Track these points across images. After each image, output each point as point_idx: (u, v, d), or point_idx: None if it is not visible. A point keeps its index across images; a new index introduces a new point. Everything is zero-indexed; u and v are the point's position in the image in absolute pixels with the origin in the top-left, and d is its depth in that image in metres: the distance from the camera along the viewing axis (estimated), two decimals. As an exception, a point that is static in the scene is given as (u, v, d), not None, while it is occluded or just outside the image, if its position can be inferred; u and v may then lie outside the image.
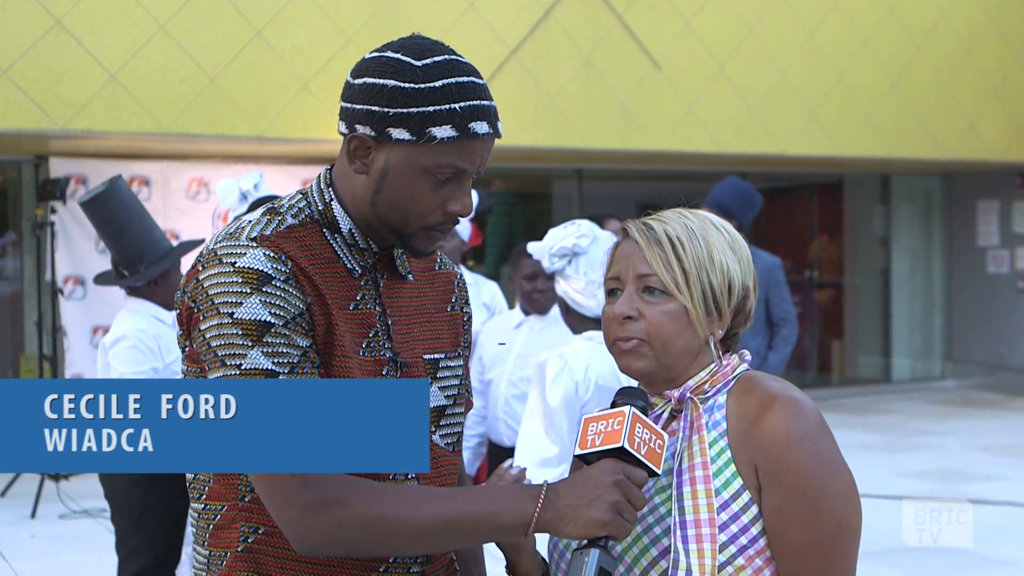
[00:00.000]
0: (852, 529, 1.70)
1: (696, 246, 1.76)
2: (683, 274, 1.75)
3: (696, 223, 1.79)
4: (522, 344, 4.69)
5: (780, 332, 5.88)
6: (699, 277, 1.75)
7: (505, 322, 4.91)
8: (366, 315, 1.77)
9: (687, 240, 1.76)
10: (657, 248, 1.76)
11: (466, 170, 1.72)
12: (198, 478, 1.78)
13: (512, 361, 4.68)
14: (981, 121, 11.61)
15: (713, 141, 10.19)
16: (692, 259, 1.75)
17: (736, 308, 1.82)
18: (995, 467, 8.88)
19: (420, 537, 1.63)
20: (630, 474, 1.62)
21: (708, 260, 1.76)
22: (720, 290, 1.77)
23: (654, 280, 1.75)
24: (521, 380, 4.58)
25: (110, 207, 4.25)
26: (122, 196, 4.27)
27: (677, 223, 1.79)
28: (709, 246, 1.77)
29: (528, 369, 4.52)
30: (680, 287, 1.75)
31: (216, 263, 1.68)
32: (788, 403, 1.70)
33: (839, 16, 10.76)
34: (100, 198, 4.26)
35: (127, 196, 4.30)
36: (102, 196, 4.26)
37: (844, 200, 13.98)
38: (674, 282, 1.75)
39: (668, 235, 1.77)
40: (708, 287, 1.76)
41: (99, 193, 4.28)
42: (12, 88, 7.59)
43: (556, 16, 9.37)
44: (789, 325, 5.89)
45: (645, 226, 1.79)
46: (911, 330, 13.94)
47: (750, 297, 1.83)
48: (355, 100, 1.72)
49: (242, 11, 8.22)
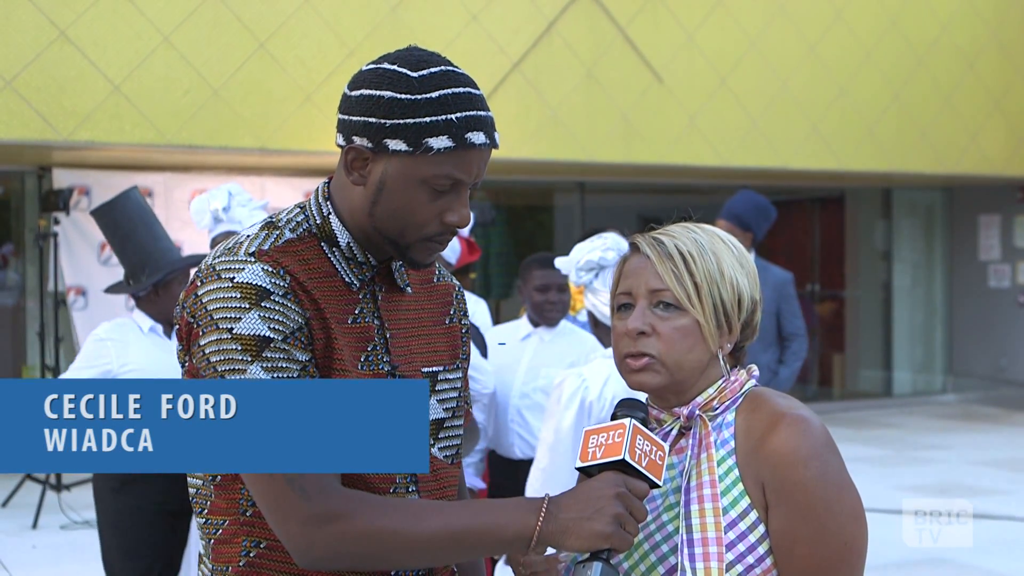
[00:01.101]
0: (858, 549, 1.70)
1: (707, 261, 1.77)
2: (695, 288, 1.75)
3: (705, 238, 1.80)
4: (532, 356, 4.64)
5: (791, 347, 5.93)
6: (710, 292, 1.76)
7: (511, 333, 4.86)
8: (364, 328, 1.77)
9: (698, 255, 1.77)
10: (669, 263, 1.77)
11: (463, 181, 1.72)
12: (200, 492, 1.77)
13: (523, 372, 4.62)
14: (983, 135, 11.62)
15: (715, 154, 10.20)
16: (703, 274, 1.76)
17: (744, 322, 1.82)
18: (996, 481, 8.87)
19: (422, 551, 1.63)
20: (632, 486, 1.63)
21: (719, 274, 1.77)
22: (731, 304, 1.78)
23: (667, 295, 1.76)
24: (534, 391, 4.53)
25: (115, 215, 4.26)
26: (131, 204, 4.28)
27: (687, 238, 1.79)
28: (719, 261, 1.78)
29: (540, 380, 4.51)
30: (692, 302, 1.75)
31: (215, 278, 1.68)
32: (796, 421, 1.71)
33: (841, 29, 10.79)
34: (108, 205, 4.28)
35: (136, 205, 4.30)
36: (111, 203, 4.28)
37: (845, 213, 13.99)
38: (687, 297, 1.75)
39: (679, 250, 1.77)
40: (719, 301, 1.77)
41: (109, 200, 4.31)
42: (16, 99, 7.61)
43: (558, 29, 9.39)
44: (800, 340, 5.95)
45: (656, 240, 1.80)
46: (912, 344, 13.93)
47: (757, 311, 1.84)
48: (352, 112, 1.72)
49: (245, 23, 8.25)
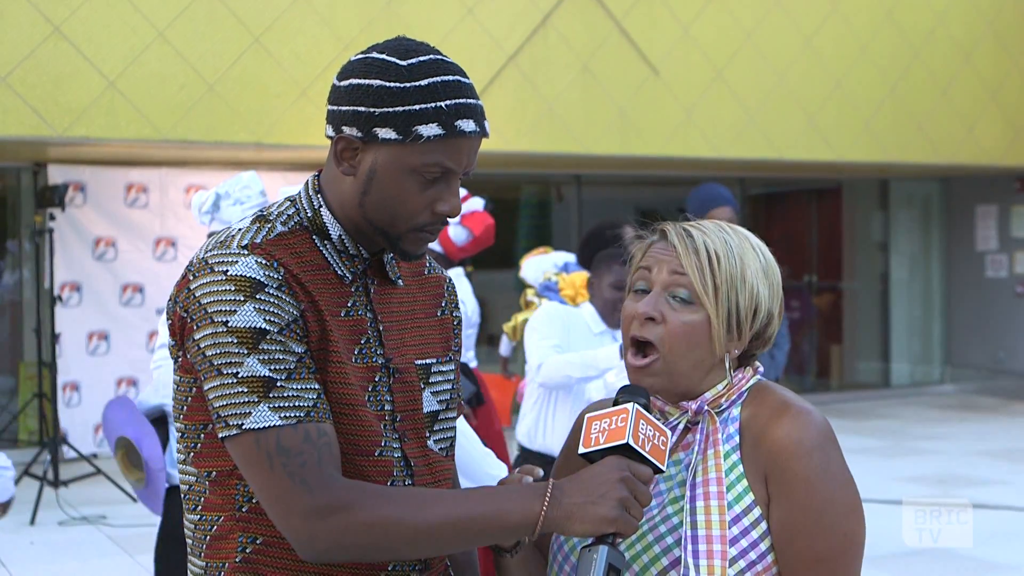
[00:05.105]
0: (857, 543, 1.71)
1: (731, 264, 1.76)
2: (714, 288, 1.74)
3: (735, 241, 1.79)
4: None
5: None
6: (728, 295, 1.75)
7: (574, 319, 4.45)
8: (357, 321, 1.76)
9: (724, 256, 1.75)
10: (694, 257, 1.75)
11: (453, 169, 1.71)
12: (193, 489, 1.77)
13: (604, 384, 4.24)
14: (979, 126, 11.62)
15: (711, 147, 10.20)
16: (726, 275, 1.75)
17: (757, 332, 1.81)
18: (994, 471, 8.88)
19: (426, 540, 1.62)
20: (636, 471, 1.62)
21: (740, 280, 1.76)
22: (745, 312, 1.77)
23: (684, 289, 1.75)
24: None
25: None
26: None
27: (717, 237, 1.78)
28: (744, 266, 1.76)
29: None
30: (708, 300, 1.74)
31: (208, 272, 1.67)
32: (799, 414, 1.71)
33: (837, 21, 10.77)
34: None
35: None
36: None
37: (843, 205, 13.99)
38: (704, 293, 1.74)
39: (707, 247, 1.76)
40: (735, 307, 1.76)
41: None
42: (11, 95, 7.59)
43: (554, 22, 9.38)
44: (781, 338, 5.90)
45: (685, 232, 1.79)
46: (910, 335, 13.94)
47: (773, 323, 1.82)
48: (341, 102, 1.71)
49: (240, 18, 8.23)
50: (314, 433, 1.62)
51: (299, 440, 1.61)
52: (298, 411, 1.62)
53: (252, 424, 1.61)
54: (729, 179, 11.94)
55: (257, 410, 1.61)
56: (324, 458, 1.61)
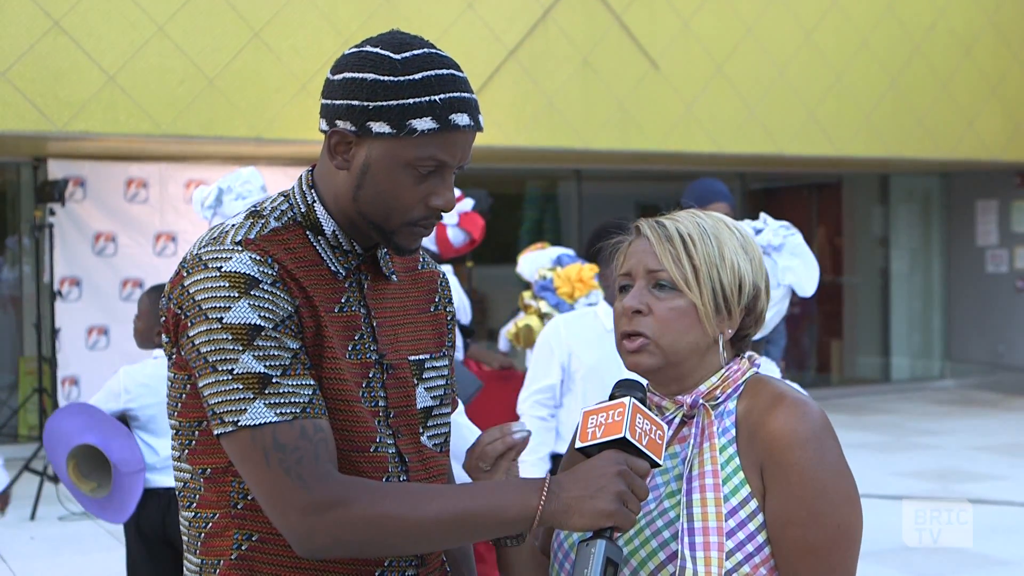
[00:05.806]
0: (852, 534, 1.70)
1: (707, 244, 1.77)
2: (693, 271, 1.76)
3: (709, 222, 1.81)
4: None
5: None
6: (709, 274, 1.76)
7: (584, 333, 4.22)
8: (351, 317, 1.76)
9: (698, 238, 1.77)
10: (668, 245, 1.77)
11: (447, 163, 1.70)
12: (188, 486, 1.76)
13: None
14: (979, 120, 11.61)
15: (711, 141, 10.19)
16: (703, 256, 1.76)
17: (747, 308, 1.81)
18: (994, 466, 8.88)
19: (424, 535, 1.61)
20: (633, 464, 1.62)
21: (719, 258, 1.77)
22: (730, 288, 1.77)
23: (664, 276, 1.76)
24: None
25: None
26: None
27: (689, 222, 1.80)
28: (720, 244, 1.78)
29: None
30: (689, 283, 1.75)
31: (201, 268, 1.66)
32: (795, 404, 1.71)
33: (837, 16, 10.76)
34: None
35: None
36: None
37: (843, 200, 13.98)
38: (683, 278, 1.75)
39: (679, 232, 1.78)
40: (718, 284, 1.77)
41: None
42: (10, 90, 7.58)
43: (554, 16, 9.37)
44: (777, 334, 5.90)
45: (657, 224, 1.81)
46: (910, 330, 13.94)
47: (761, 297, 1.83)
48: (335, 96, 1.71)
49: (240, 12, 8.22)
50: (310, 429, 1.61)
51: (295, 436, 1.60)
52: (294, 407, 1.62)
53: (248, 421, 1.60)
54: (729, 174, 11.94)
55: (252, 407, 1.60)
56: (320, 454, 1.61)
